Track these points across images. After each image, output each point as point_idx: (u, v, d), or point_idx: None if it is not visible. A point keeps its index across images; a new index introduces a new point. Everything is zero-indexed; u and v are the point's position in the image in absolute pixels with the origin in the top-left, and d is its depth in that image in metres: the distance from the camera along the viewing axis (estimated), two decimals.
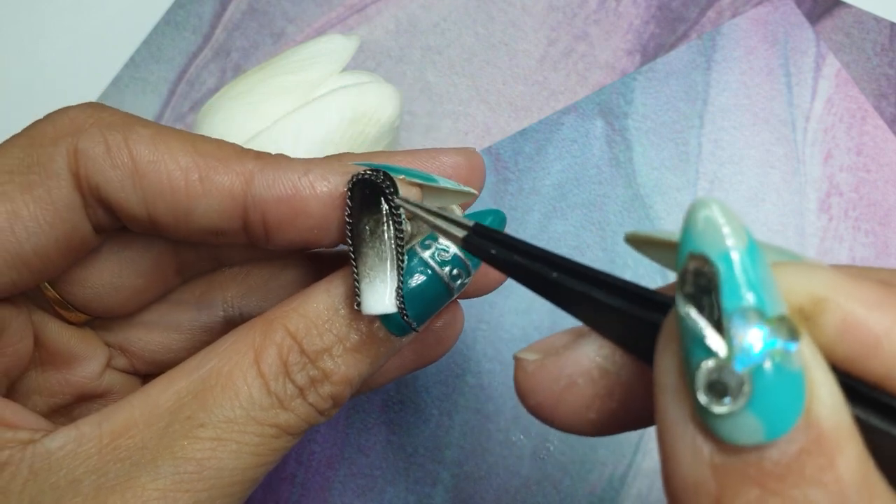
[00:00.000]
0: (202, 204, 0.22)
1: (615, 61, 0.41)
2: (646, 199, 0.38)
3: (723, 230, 0.15)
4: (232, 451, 0.21)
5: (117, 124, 0.22)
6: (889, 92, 0.39)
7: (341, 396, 0.23)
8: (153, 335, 0.27)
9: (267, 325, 0.22)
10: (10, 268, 0.22)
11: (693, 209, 0.15)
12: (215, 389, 0.21)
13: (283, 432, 0.22)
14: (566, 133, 0.40)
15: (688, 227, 0.15)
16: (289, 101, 0.34)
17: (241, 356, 0.22)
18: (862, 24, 0.40)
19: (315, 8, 0.43)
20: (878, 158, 0.38)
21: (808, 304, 0.16)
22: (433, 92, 0.41)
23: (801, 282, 0.16)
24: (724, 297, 0.14)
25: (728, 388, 0.14)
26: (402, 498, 0.35)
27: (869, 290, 0.16)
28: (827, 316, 0.15)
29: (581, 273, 0.18)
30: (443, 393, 0.36)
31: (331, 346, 0.22)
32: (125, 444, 0.20)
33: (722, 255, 0.15)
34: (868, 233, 0.37)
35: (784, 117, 0.39)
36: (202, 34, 0.43)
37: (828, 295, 0.15)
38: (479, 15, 0.42)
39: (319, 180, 0.23)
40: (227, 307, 0.28)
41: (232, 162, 0.23)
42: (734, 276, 0.15)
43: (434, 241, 0.23)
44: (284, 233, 0.23)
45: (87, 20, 0.44)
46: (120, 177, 0.22)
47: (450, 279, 0.23)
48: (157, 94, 0.42)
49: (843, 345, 0.15)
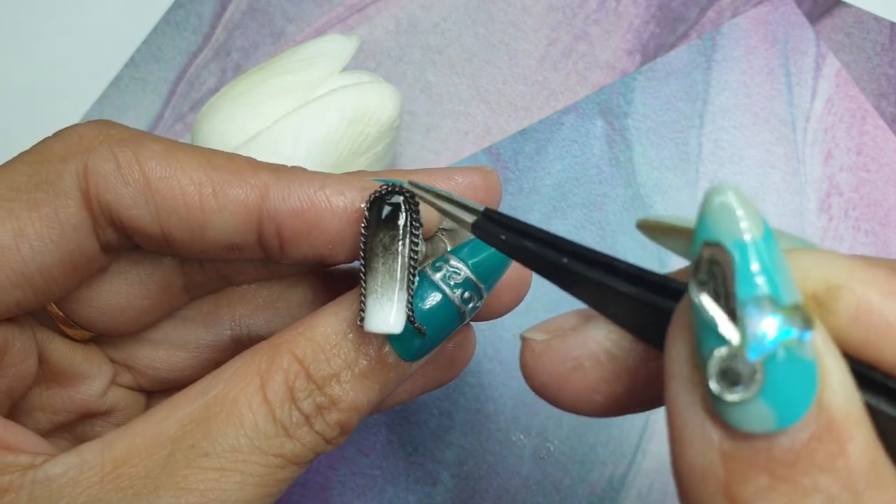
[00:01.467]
0: (217, 218, 0.22)
1: (615, 61, 0.41)
2: (646, 198, 0.38)
3: (738, 217, 0.15)
4: (236, 483, 0.20)
5: (127, 140, 0.22)
6: (889, 92, 0.39)
7: (349, 424, 0.22)
8: (159, 353, 0.27)
9: (273, 350, 0.22)
10: (15, 287, 0.21)
11: (709, 195, 0.15)
12: (219, 417, 0.20)
13: (288, 462, 0.21)
14: (566, 133, 0.40)
15: (703, 213, 0.15)
16: (289, 101, 0.34)
17: (247, 382, 0.21)
18: (862, 24, 0.40)
19: (315, 8, 0.43)
20: (878, 158, 0.38)
21: (822, 291, 0.16)
22: (433, 92, 0.41)
23: (815, 269, 0.16)
24: (738, 285, 0.14)
25: (740, 376, 0.14)
26: (402, 498, 0.35)
27: (883, 277, 0.16)
28: (841, 302, 0.15)
29: (592, 259, 0.18)
30: (443, 393, 0.36)
31: (339, 372, 0.22)
32: (127, 472, 0.20)
33: (737, 242, 0.15)
34: (868, 233, 0.37)
35: (784, 117, 0.39)
36: (202, 34, 0.43)
37: (842, 281, 0.15)
38: (479, 15, 0.42)
39: (336, 194, 0.22)
40: (235, 326, 0.27)
41: (246, 174, 0.22)
42: (749, 264, 0.14)
43: (445, 263, 0.22)
44: (299, 247, 0.23)
45: (87, 20, 0.44)
46: (132, 194, 0.22)
47: (461, 302, 0.22)
48: (157, 94, 0.42)
49: (857, 331, 0.15)
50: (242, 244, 0.23)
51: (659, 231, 0.19)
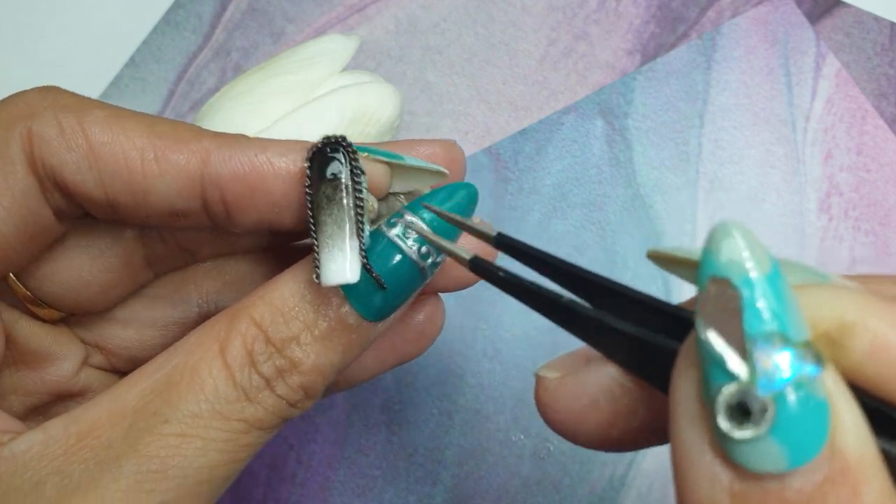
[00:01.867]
0: (159, 183, 0.22)
1: (615, 61, 0.41)
2: (646, 198, 0.38)
3: (745, 254, 0.15)
4: (197, 448, 0.20)
5: (72, 107, 0.22)
6: (889, 92, 0.39)
7: (313, 387, 0.22)
8: (129, 332, 0.27)
9: (232, 316, 0.22)
10: None
11: (714, 233, 0.15)
12: (180, 384, 0.21)
13: (251, 427, 0.21)
14: (566, 133, 0.40)
15: (709, 250, 0.15)
16: (289, 101, 0.34)
17: (206, 349, 0.21)
18: (862, 24, 0.40)
19: (315, 8, 0.43)
20: (878, 158, 0.38)
21: (834, 329, 0.15)
22: (433, 92, 0.41)
23: (827, 305, 0.15)
24: (746, 322, 0.14)
25: (750, 413, 0.14)
26: (402, 498, 0.35)
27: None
28: (855, 339, 0.15)
29: (593, 291, 0.17)
30: (443, 393, 0.36)
31: (298, 334, 0.22)
32: (90, 444, 0.20)
33: (745, 279, 0.14)
34: (868, 233, 0.37)
35: (784, 117, 0.39)
36: (202, 34, 0.43)
37: (855, 318, 0.15)
38: (479, 15, 0.42)
39: (277, 156, 0.22)
40: (203, 303, 0.27)
41: (188, 141, 0.22)
42: (757, 301, 0.14)
43: (400, 218, 0.22)
44: (245, 212, 0.23)
45: (87, 20, 0.44)
46: (75, 159, 0.22)
47: (419, 258, 0.22)
48: (157, 94, 0.42)
49: (873, 368, 0.15)
50: (186, 210, 0.23)
51: (668, 262, 0.19)
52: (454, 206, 0.23)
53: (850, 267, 0.37)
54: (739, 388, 0.14)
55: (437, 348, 0.36)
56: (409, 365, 0.36)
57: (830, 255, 0.37)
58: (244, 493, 0.35)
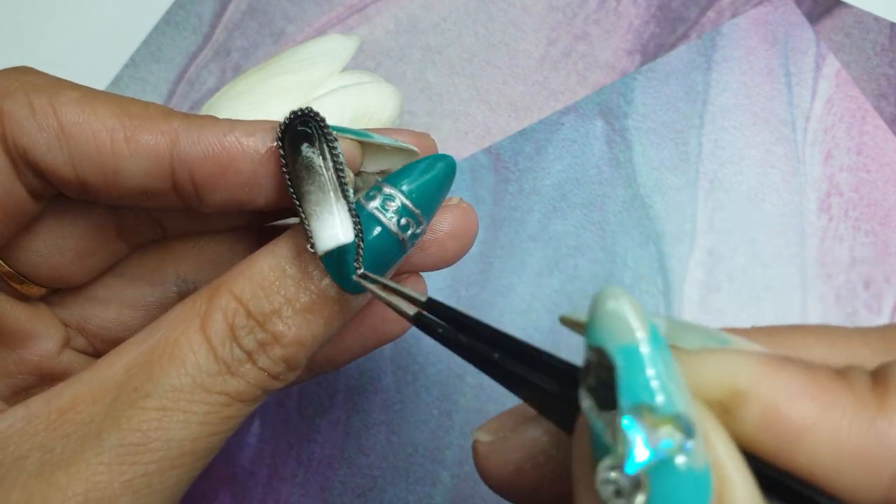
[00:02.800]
0: (129, 163, 0.22)
1: (615, 61, 0.41)
2: (646, 199, 0.38)
3: (623, 323, 0.14)
4: (179, 421, 0.20)
5: (44, 87, 0.22)
6: (889, 92, 0.39)
7: (295, 359, 0.22)
8: (109, 312, 0.27)
9: (213, 291, 0.22)
10: None
11: (595, 299, 0.15)
12: (162, 359, 0.21)
13: (233, 400, 0.21)
14: (566, 133, 0.40)
15: (590, 318, 0.15)
16: (289, 101, 0.34)
17: (188, 323, 0.21)
18: (862, 24, 0.40)
19: (315, 8, 0.43)
20: (878, 158, 0.38)
21: (727, 397, 0.15)
22: (433, 92, 0.41)
23: (719, 372, 0.15)
24: (620, 393, 0.14)
25: (621, 489, 0.14)
26: (402, 498, 0.35)
27: (791, 377, 0.15)
28: (745, 408, 0.15)
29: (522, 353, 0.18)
30: (443, 393, 0.36)
31: (279, 308, 0.22)
32: (72, 419, 0.20)
33: (620, 349, 0.14)
34: (868, 233, 0.37)
35: (784, 117, 0.39)
36: (202, 34, 0.43)
37: (747, 386, 0.15)
38: (479, 15, 0.42)
39: (245, 136, 0.22)
40: (181, 282, 0.28)
41: (158, 121, 0.22)
42: (631, 372, 0.14)
43: (379, 191, 0.22)
44: (215, 191, 0.23)
45: (87, 20, 0.44)
46: (46, 139, 0.22)
47: (399, 229, 0.22)
48: (157, 94, 0.42)
49: (766, 437, 0.15)
50: (156, 190, 0.23)
51: (575, 326, 0.19)
52: (433, 178, 0.23)
53: (850, 267, 0.37)
54: (613, 463, 0.14)
55: (437, 348, 0.36)
56: (409, 365, 0.36)
57: (830, 255, 0.37)
58: (244, 493, 0.35)
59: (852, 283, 0.36)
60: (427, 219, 0.23)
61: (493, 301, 0.37)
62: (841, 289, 0.36)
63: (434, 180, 0.23)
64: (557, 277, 0.37)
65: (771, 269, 0.37)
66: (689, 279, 0.37)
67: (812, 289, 0.37)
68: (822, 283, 0.37)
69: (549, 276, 0.37)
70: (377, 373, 0.37)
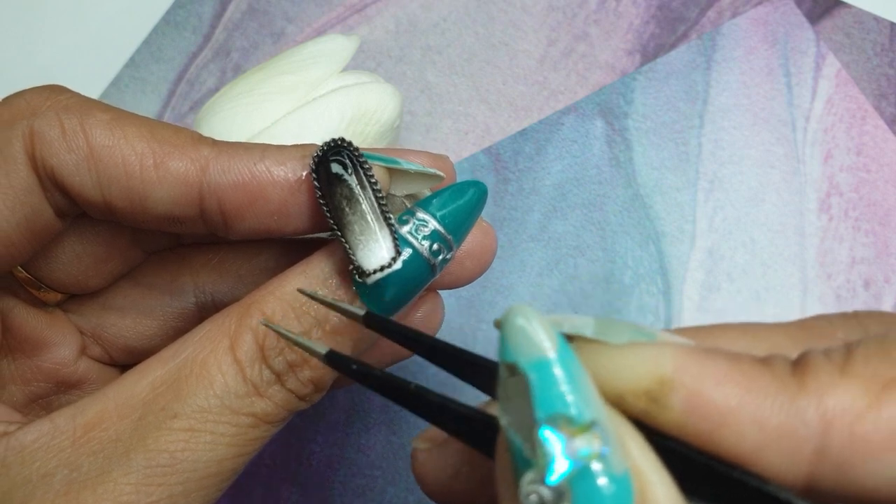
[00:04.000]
0: (157, 190, 0.22)
1: (615, 61, 0.41)
2: (646, 199, 0.38)
3: (531, 339, 0.15)
4: (207, 443, 0.20)
5: (74, 108, 0.22)
6: (889, 92, 0.39)
7: (323, 381, 0.22)
8: (125, 321, 0.27)
9: (243, 310, 0.22)
10: None
11: (504, 317, 0.15)
12: (190, 379, 0.21)
13: (260, 421, 0.21)
14: (566, 133, 0.40)
15: (501, 335, 0.15)
16: (289, 101, 0.34)
17: (217, 343, 0.21)
18: (862, 24, 0.40)
19: (315, 8, 0.43)
20: (878, 158, 0.38)
21: (654, 386, 0.15)
22: (433, 92, 0.41)
23: (645, 364, 0.16)
24: (534, 407, 0.14)
25: (544, 501, 0.14)
26: (402, 498, 0.35)
27: (714, 364, 0.15)
28: (672, 396, 0.15)
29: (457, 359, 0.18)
30: (443, 393, 0.36)
31: (310, 329, 0.22)
32: (98, 436, 0.20)
33: (531, 364, 0.14)
34: (868, 233, 0.37)
35: (784, 117, 0.39)
36: (202, 34, 0.43)
37: (673, 375, 0.15)
38: (479, 15, 0.42)
39: (275, 165, 0.22)
40: (199, 293, 0.28)
41: (187, 148, 0.22)
42: (543, 386, 0.14)
43: (412, 216, 0.22)
44: (243, 220, 0.23)
45: (87, 20, 0.44)
46: (75, 160, 0.22)
47: (430, 254, 0.22)
48: (157, 94, 0.42)
49: (693, 423, 0.15)
50: (183, 217, 0.23)
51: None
52: (465, 204, 0.23)
53: (850, 267, 0.37)
54: (535, 476, 0.14)
55: None
56: (409, 364, 0.36)
57: (830, 255, 0.37)
58: (244, 493, 0.35)
59: (852, 283, 0.36)
60: (457, 245, 0.23)
61: (494, 301, 0.37)
62: (841, 289, 0.36)
63: (466, 206, 0.23)
64: (557, 277, 0.37)
65: (771, 269, 0.37)
66: (689, 279, 0.37)
67: (812, 289, 0.37)
68: (822, 283, 0.37)
69: (549, 276, 0.37)
70: None
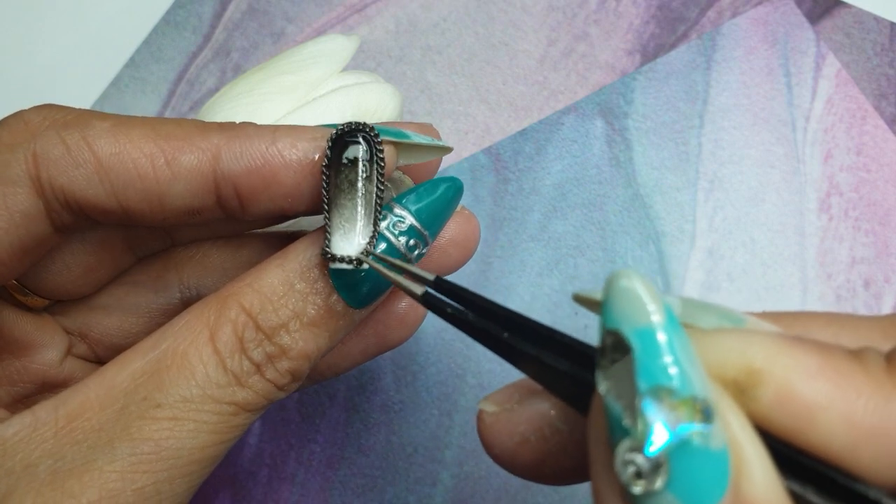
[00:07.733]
0: (174, 187, 0.22)
1: (615, 61, 0.41)
2: (646, 199, 0.38)
3: (639, 306, 0.14)
4: (190, 431, 0.21)
5: (73, 122, 0.22)
6: (889, 92, 0.39)
7: (300, 371, 0.23)
8: (111, 319, 0.27)
9: (221, 302, 0.22)
10: None
11: (608, 283, 0.15)
12: (171, 369, 0.21)
13: (241, 409, 0.22)
14: (566, 133, 0.40)
15: (605, 300, 0.15)
16: (289, 101, 0.34)
17: (196, 334, 0.21)
18: (862, 24, 0.40)
19: (315, 8, 0.43)
20: (878, 158, 0.38)
21: (742, 376, 0.15)
22: (433, 92, 0.41)
23: (734, 352, 0.15)
24: (637, 376, 0.14)
25: (641, 470, 0.14)
26: (402, 498, 0.35)
27: (806, 356, 0.15)
28: (761, 388, 0.15)
29: (532, 332, 0.18)
30: (443, 393, 0.36)
31: (287, 322, 0.22)
32: (81, 426, 0.20)
33: (636, 331, 0.14)
34: (868, 233, 0.37)
35: (784, 117, 0.39)
36: (202, 34, 0.43)
37: (762, 365, 0.15)
38: (479, 15, 0.42)
39: (289, 148, 0.22)
40: (184, 289, 0.28)
41: (195, 138, 0.22)
42: (647, 354, 0.14)
43: (389, 211, 0.23)
44: (259, 203, 0.23)
45: (87, 20, 0.44)
46: (85, 175, 0.22)
47: (406, 250, 0.23)
48: (157, 94, 0.42)
49: (781, 416, 0.15)
50: (202, 208, 0.23)
51: (590, 305, 0.19)
52: (441, 199, 0.23)
53: (850, 267, 0.37)
54: (633, 445, 0.14)
55: (437, 348, 0.36)
56: (409, 364, 0.36)
57: (830, 256, 0.37)
58: (244, 493, 0.35)
59: (852, 283, 0.36)
60: (432, 239, 0.24)
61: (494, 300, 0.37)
62: (841, 289, 0.36)
63: (442, 201, 0.23)
64: (557, 277, 0.37)
65: (771, 269, 0.37)
66: (689, 279, 0.37)
67: (812, 289, 0.37)
68: (822, 283, 0.37)
69: (549, 276, 0.37)
70: (377, 373, 0.37)
